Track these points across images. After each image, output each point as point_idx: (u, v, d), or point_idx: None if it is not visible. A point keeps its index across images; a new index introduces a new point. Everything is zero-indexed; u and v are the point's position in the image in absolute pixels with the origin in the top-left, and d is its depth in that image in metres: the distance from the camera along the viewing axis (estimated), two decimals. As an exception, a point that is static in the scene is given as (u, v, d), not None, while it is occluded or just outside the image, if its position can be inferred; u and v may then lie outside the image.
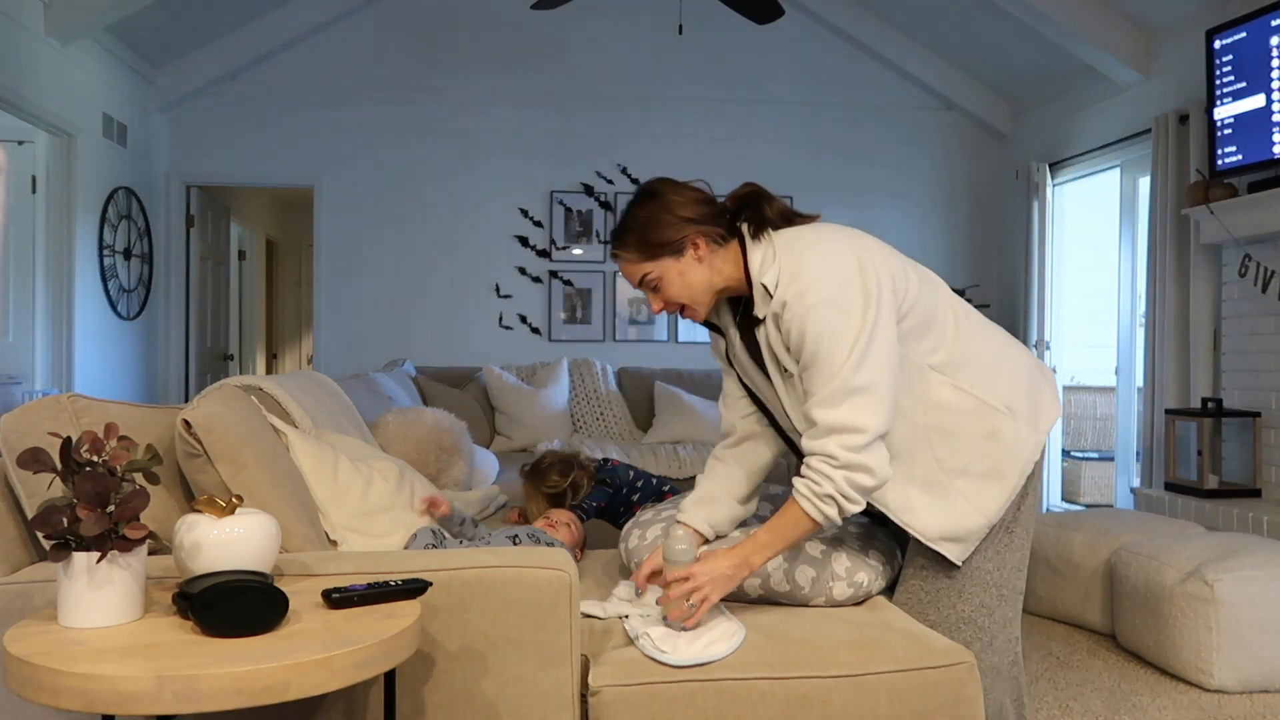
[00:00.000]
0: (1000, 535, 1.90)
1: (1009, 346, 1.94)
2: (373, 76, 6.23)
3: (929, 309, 1.80)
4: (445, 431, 3.29)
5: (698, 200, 1.82)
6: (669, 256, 1.80)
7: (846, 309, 1.68)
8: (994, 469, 1.83)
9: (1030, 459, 1.86)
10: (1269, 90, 4.04)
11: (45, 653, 1.19)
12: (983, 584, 1.91)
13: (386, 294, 6.28)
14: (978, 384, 1.83)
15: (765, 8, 4.43)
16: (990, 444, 1.83)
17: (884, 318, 1.70)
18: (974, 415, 1.82)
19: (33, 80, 4.56)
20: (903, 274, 1.78)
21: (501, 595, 1.59)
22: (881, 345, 1.69)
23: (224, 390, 1.82)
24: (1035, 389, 1.92)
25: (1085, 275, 6.30)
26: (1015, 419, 1.85)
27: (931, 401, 1.81)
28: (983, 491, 1.83)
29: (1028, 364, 1.94)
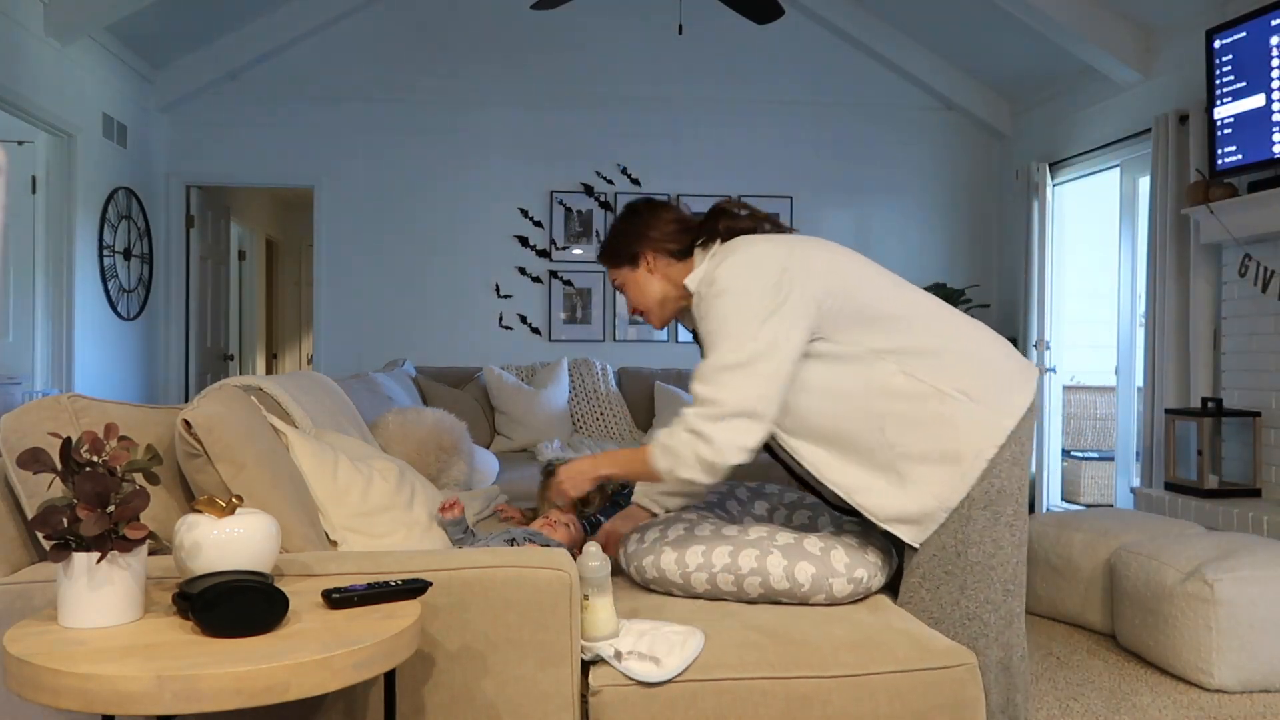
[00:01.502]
0: (992, 525, 1.91)
1: (973, 338, 1.95)
2: (373, 76, 6.23)
3: (879, 304, 1.88)
4: (445, 431, 3.29)
5: (668, 220, 2.03)
6: (628, 266, 2.06)
7: (746, 301, 1.80)
8: (948, 452, 1.86)
9: (990, 441, 1.87)
10: (1269, 90, 4.04)
11: (45, 653, 1.19)
12: (985, 579, 1.91)
13: (386, 294, 6.28)
14: (930, 371, 1.87)
15: (765, 8, 4.43)
16: (944, 428, 1.86)
17: (785, 318, 1.79)
18: (926, 400, 1.86)
19: (33, 80, 4.56)
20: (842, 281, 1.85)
21: (501, 595, 1.59)
22: (772, 340, 1.78)
23: (224, 390, 1.82)
24: (1000, 375, 1.92)
25: (1085, 275, 6.30)
26: (972, 402, 1.87)
27: (882, 387, 1.87)
28: (936, 474, 1.87)
29: (992, 352, 1.95)
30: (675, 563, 1.95)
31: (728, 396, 1.77)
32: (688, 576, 1.95)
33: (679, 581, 1.96)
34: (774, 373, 1.79)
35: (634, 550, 2.04)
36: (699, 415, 1.79)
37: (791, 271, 1.82)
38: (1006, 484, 1.91)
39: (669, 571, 1.96)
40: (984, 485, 1.89)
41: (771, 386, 1.79)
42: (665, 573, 1.96)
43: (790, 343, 1.80)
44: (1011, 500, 1.93)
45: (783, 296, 1.80)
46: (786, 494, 2.34)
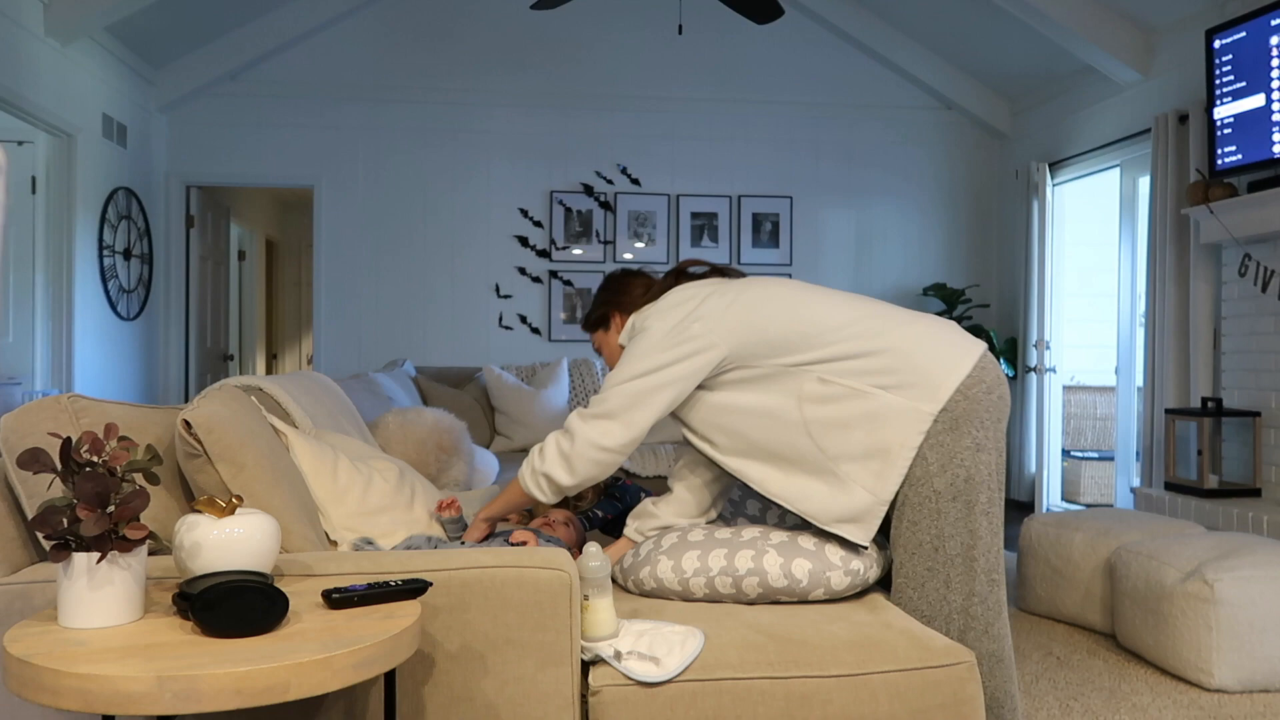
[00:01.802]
0: (967, 515, 1.91)
1: (900, 332, 1.97)
2: (373, 76, 6.23)
3: (790, 331, 1.96)
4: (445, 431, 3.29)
5: (636, 286, 2.21)
6: (601, 329, 2.26)
7: (653, 339, 1.98)
8: (873, 447, 1.90)
9: (916, 429, 1.89)
10: (1269, 90, 4.04)
11: (45, 653, 1.19)
12: (968, 571, 1.93)
13: (386, 294, 6.28)
14: (846, 373, 1.93)
15: (765, 8, 4.43)
16: (867, 424, 1.90)
17: (680, 361, 1.95)
18: (845, 401, 1.92)
19: (33, 80, 4.56)
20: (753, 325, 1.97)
21: (501, 595, 1.59)
22: (659, 374, 1.95)
23: (224, 390, 1.82)
24: (922, 362, 1.93)
25: (1085, 275, 6.30)
26: (890, 395, 1.90)
27: (803, 396, 1.93)
28: (869, 470, 1.91)
29: (918, 343, 1.95)
30: (672, 570, 1.96)
31: (600, 401, 1.97)
32: (685, 583, 1.95)
33: (677, 589, 1.96)
34: (649, 397, 1.96)
35: (630, 565, 2.05)
36: (573, 415, 2.00)
37: (701, 322, 1.97)
38: (974, 471, 1.92)
39: (666, 580, 1.97)
40: (948, 477, 1.90)
41: (643, 406, 1.96)
42: (663, 581, 1.97)
43: (675, 381, 1.96)
44: (984, 488, 1.94)
45: (683, 341, 1.96)
46: None
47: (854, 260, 6.66)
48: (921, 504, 1.91)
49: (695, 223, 6.48)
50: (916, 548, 1.93)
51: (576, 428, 1.96)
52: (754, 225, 6.53)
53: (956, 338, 1.99)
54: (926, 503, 1.91)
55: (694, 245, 6.47)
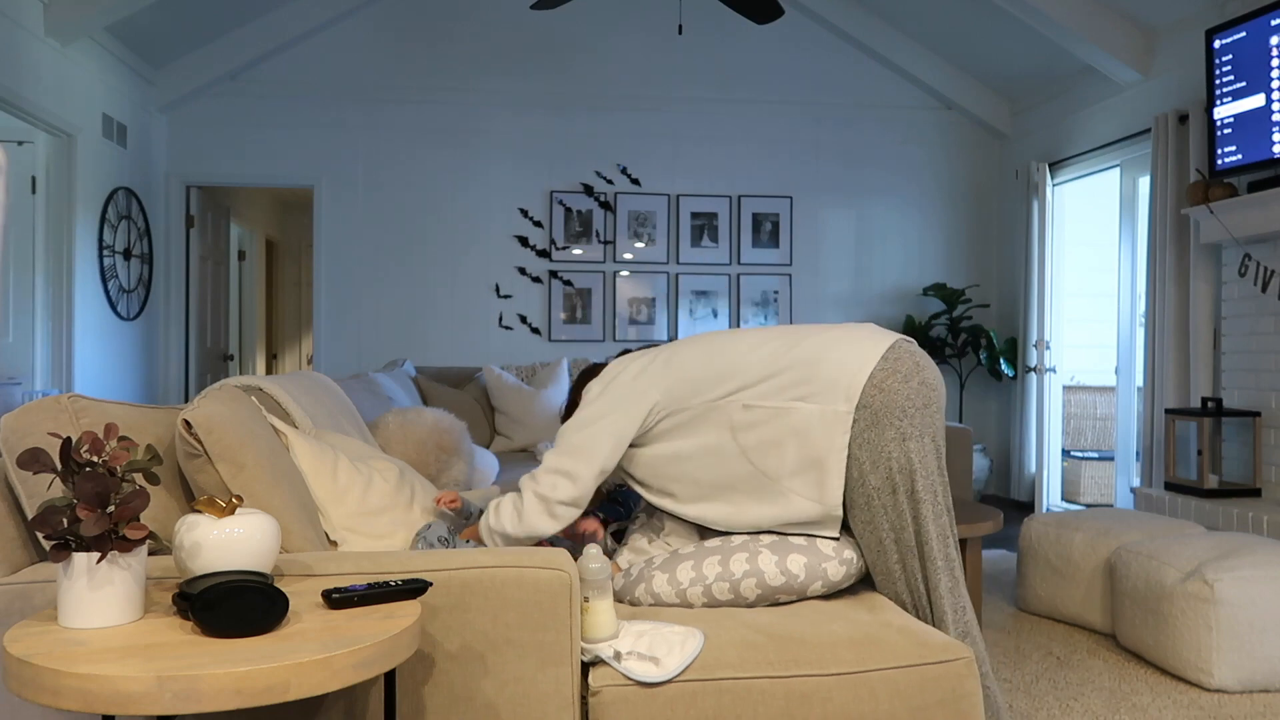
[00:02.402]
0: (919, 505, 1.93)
1: (809, 345, 2.01)
2: (373, 76, 6.23)
3: (706, 371, 2.04)
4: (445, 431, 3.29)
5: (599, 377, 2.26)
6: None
7: (591, 405, 2.06)
8: (808, 459, 1.94)
9: (837, 431, 1.92)
10: (1269, 90, 4.04)
11: (45, 653, 1.19)
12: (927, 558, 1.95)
13: (386, 294, 6.28)
14: (764, 393, 1.98)
15: (765, 8, 4.43)
16: (797, 438, 1.94)
17: (614, 416, 2.03)
18: (772, 421, 1.96)
19: (33, 80, 4.56)
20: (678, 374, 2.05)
21: (501, 595, 1.59)
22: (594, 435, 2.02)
23: (224, 390, 1.82)
24: (832, 366, 1.96)
25: (1085, 275, 6.30)
26: (809, 404, 1.94)
27: (734, 426, 1.99)
28: (809, 482, 1.95)
29: (828, 349, 1.98)
30: (668, 583, 1.97)
31: (547, 458, 2.04)
32: (683, 594, 1.96)
33: (675, 601, 1.97)
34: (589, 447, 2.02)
35: (624, 585, 2.05)
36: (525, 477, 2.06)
37: (627, 375, 2.07)
38: (905, 462, 1.93)
39: (664, 594, 1.97)
40: (883, 473, 1.93)
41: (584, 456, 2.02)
42: (660, 596, 1.98)
43: (611, 430, 2.03)
44: (919, 474, 1.94)
45: (613, 394, 2.06)
46: None
47: (854, 260, 6.66)
48: (865, 504, 1.95)
49: (695, 223, 6.48)
50: (878, 546, 1.97)
51: (525, 485, 2.03)
52: (754, 225, 6.53)
53: (863, 334, 2.02)
54: (869, 501, 1.94)
55: (694, 245, 6.47)
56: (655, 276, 6.47)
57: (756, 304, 6.54)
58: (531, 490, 2.01)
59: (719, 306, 6.52)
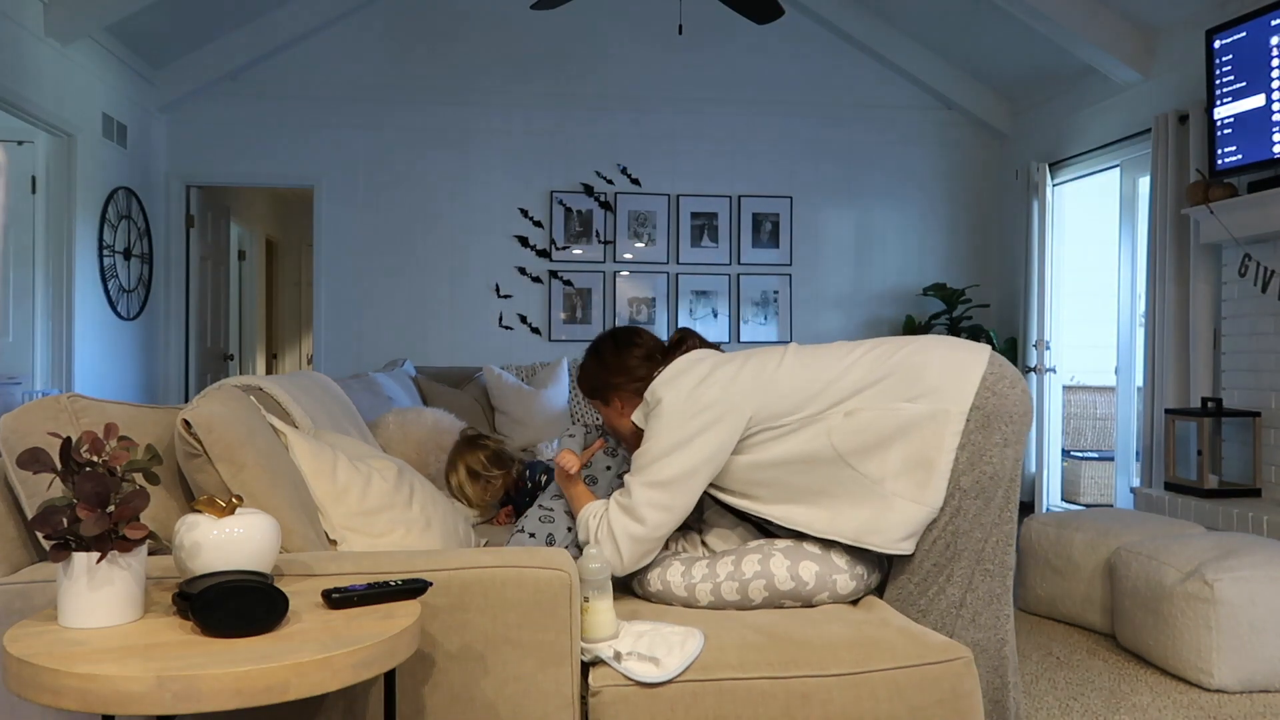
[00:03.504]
0: (985, 513, 1.93)
1: (904, 353, 1.98)
2: (373, 77, 6.23)
3: (802, 394, 1.96)
4: (445, 431, 3.29)
5: (635, 360, 2.16)
6: (600, 402, 2.22)
7: (674, 421, 1.95)
8: (917, 458, 1.91)
9: (951, 430, 1.90)
10: (1269, 90, 4.04)
11: (45, 653, 1.19)
12: (970, 565, 1.93)
13: (386, 294, 6.28)
14: (867, 400, 1.93)
15: (765, 8, 4.43)
16: (904, 437, 1.91)
17: (703, 444, 1.93)
18: (877, 424, 1.92)
19: (33, 80, 4.56)
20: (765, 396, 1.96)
21: (501, 595, 1.59)
22: (688, 468, 1.93)
23: (223, 390, 1.82)
24: (937, 368, 1.95)
25: (1085, 275, 6.30)
26: (919, 403, 1.91)
27: (834, 432, 1.93)
28: (915, 482, 1.91)
29: (928, 355, 1.97)
30: (681, 576, 1.97)
31: (646, 518, 1.93)
32: (692, 589, 1.96)
33: (683, 595, 1.97)
34: (685, 482, 1.93)
35: None
36: (615, 504, 1.97)
37: (717, 387, 1.96)
38: (999, 469, 1.93)
39: (674, 584, 1.97)
40: (975, 474, 1.92)
41: (680, 491, 1.94)
42: (670, 585, 1.98)
43: (708, 458, 1.94)
44: (1003, 483, 1.95)
45: (702, 410, 1.94)
46: None
47: (854, 260, 6.66)
48: (944, 501, 1.92)
49: (695, 223, 6.48)
50: (931, 545, 1.94)
51: (623, 525, 1.94)
52: (754, 225, 6.53)
53: (959, 342, 2.02)
54: (949, 500, 1.92)
55: (694, 245, 6.47)
56: (655, 276, 6.47)
57: (756, 304, 6.54)
58: (631, 533, 1.92)
59: (719, 306, 6.52)
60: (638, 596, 2.06)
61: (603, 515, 1.98)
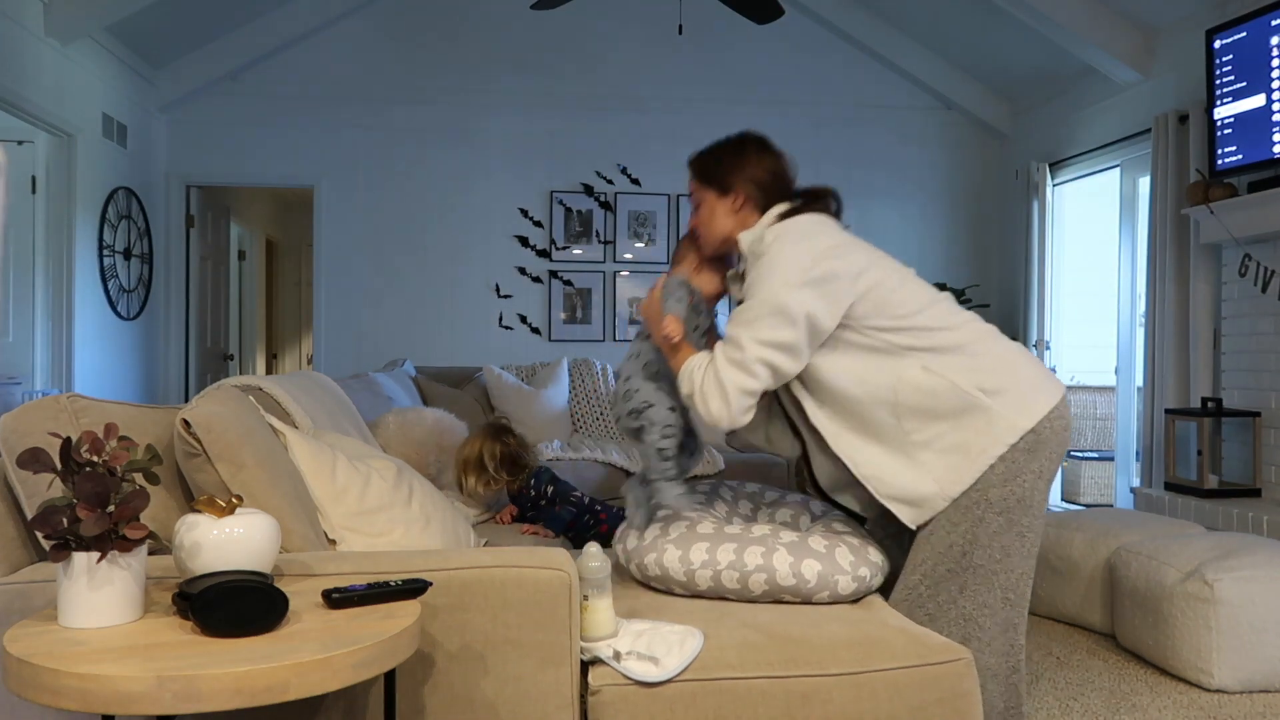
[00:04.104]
0: (1004, 532, 1.91)
1: (1000, 344, 2.00)
2: (373, 76, 6.23)
3: (910, 305, 1.96)
4: (445, 431, 3.30)
5: (771, 169, 2.08)
6: (715, 190, 2.10)
7: (791, 264, 1.90)
8: (959, 444, 1.91)
9: (1000, 439, 1.90)
10: (1269, 90, 4.04)
11: (45, 653, 1.19)
12: (986, 583, 1.92)
13: (386, 294, 6.28)
14: (951, 367, 1.93)
15: (765, 8, 4.43)
16: (958, 421, 1.91)
17: (819, 294, 1.89)
18: (944, 395, 1.91)
19: (33, 80, 4.56)
20: (879, 279, 1.96)
21: (501, 595, 1.59)
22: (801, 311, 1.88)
23: (223, 390, 1.82)
24: (1022, 378, 1.95)
25: (1085, 275, 6.30)
26: (989, 399, 1.91)
27: (904, 380, 1.93)
28: (944, 463, 1.92)
29: (1017, 358, 1.99)
30: (679, 560, 1.96)
31: (758, 373, 1.90)
32: (691, 574, 1.95)
33: (682, 579, 1.96)
34: (790, 367, 1.92)
35: (635, 547, 2.04)
36: (724, 358, 1.92)
37: (838, 259, 1.92)
38: (1028, 495, 1.93)
39: (672, 569, 1.96)
40: (1004, 491, 1.91)
41: (781, 374, 1.93)
42: (668, 570, 1.97)
43: (815, 316, 1.90)
44: (1030, 511, 1.95)
45: (822, 274, 1.90)
46: (768, 493, 2.36)
47: (854, 260, 6.65)
48: (969, 507, 1.92)
49: (695, 223, 6.48)
50: (947, 548, 1.94)
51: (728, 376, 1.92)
52: (754, 225, 6.52)
53: (1045, 368, 2.04)
54: (973, 507, 1.92)
55: (694, 245, 6.47)
56: (655, 276, 6.46)
57: (756, 304, 6.54)
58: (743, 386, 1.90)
59: (719, 306, 6.51)
60: (637, 581, 2.05)
61: (707, 367, 1.94)
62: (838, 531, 2.07)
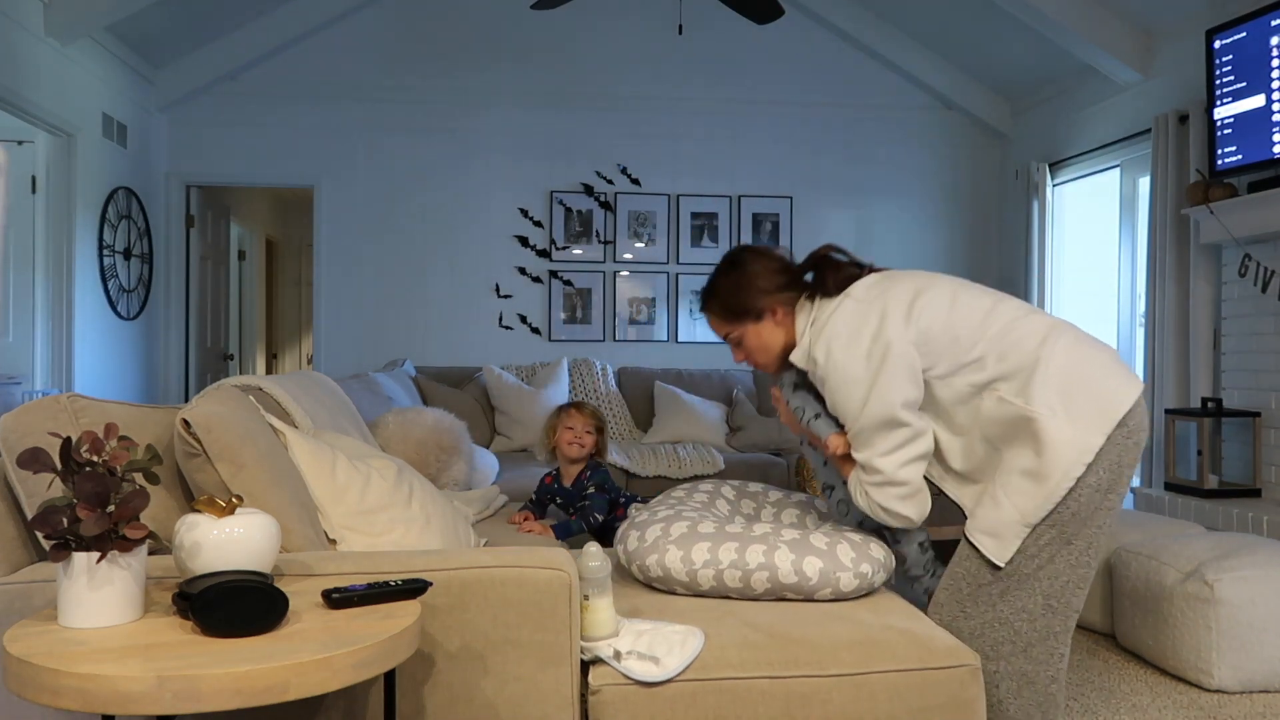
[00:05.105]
0: (1055, 543, 1.89)
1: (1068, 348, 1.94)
2: (373, 76, 6.23)
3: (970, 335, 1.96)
4: (445, 431, 3.30)
5: (777, 270, 2.10)
6: (750, 321, 2.12)
7: (849, 375, 1.95)
8: (1034, 469, 1.87)
9: (1078, 460, 1.85)
10: (1269, 90, 4.04)
11: (45, 653, 1.19)
12: (1029, 589, 1.90)
13: (386, 294, 6.28)
14: (1020, 390, 1.90)
15: (765, 8, 4.43)
16: (1032, 444, 1.87)
17: (885, 381, 1.92)
18: (1016, 422, 1.89)
19: (33, 80, 4.56)
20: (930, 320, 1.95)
21: (501, 595, 1.59)
22: (882, 410, 1.92)
23: (223, 390, 1.82)
24: (1093, 388, 1.90)
25: (1085, 275, 6.30)
26: (1055, 417, 1.86)
27: (981, 416, 1.94)
28: (1021, 489, 1.88)
29: (1088, 365, 1.92)
30: (681, 560, 1.96)
31: (906, 478, 1.96)
32: (694, 574, 1.95)
33: (684, 579, 1.96)
34: (911, 433, 1.95)
35: (636, 549, 2.04)
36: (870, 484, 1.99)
37: (881, 336, 1.93)
38: (1083, 509, 1.88)
39: (674, 569, 1.96)
40: (1061, 504, 1.88)
41: (917, 446, 1.96)
42: (670, 570, 1.96)
43: (905, 394, 1.93)
44: (1088, 526, 1.90)
45: (881, 358, 1.92)
46: (771, 492, 2.35)
47: (854, 260, 6.64)
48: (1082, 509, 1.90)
49: (695, 223, 6.48)
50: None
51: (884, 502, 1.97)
52: (754, 225, 6.52)
53: (1116, 359, 1.98)
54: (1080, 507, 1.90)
55: (694, 245, 6.47)
56: (655, 276, 6.47)
57: (756, 304, 6.53)
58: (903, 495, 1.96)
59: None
60: (640, 582, 2.05)
61: (867, 498, 1.99)
62: (840, 529, 2.07)
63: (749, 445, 5.28)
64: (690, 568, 1.95)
